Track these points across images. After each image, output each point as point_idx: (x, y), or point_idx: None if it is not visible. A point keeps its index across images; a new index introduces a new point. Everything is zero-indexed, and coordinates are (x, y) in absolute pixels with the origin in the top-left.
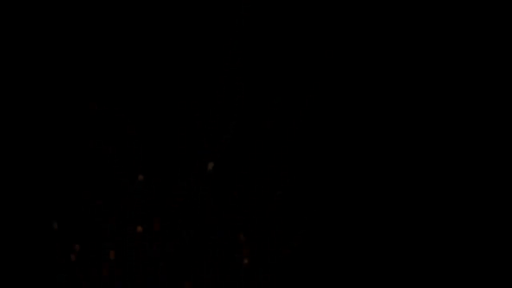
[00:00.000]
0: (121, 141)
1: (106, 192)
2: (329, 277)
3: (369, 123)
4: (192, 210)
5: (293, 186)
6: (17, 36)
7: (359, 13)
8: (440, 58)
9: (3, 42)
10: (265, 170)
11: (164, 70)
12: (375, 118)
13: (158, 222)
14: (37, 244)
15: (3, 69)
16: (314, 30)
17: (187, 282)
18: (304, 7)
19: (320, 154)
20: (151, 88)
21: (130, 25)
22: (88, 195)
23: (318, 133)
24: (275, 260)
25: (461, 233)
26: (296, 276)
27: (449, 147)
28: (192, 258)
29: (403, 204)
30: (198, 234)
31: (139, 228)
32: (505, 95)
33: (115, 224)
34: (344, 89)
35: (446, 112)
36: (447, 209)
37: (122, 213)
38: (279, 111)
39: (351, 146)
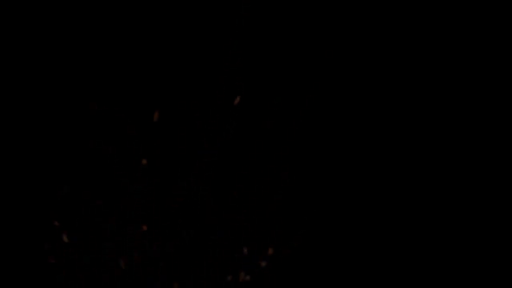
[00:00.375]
0: (121, 141)
1: (106, 192)
2: (329, 277)
3: (369, 123)
4: (192, 210)
5: (293, 186)
6: (17, 36)
7: (359, 13)
8: (440, 58)
9: (3, 42)
10: (265, 170)
11: (164, 70)
12: (375, 118)
13: (158, 222)
14: (37, 244)
15: (3, 69)
16: (314, 30)
17: (187, 282)
18: (304, 7)
19: (320, 154)
20: (151, 88)
21: (130, 25)
22: (88, 195)
23: (318, 133)
24: (275, 260)
25: (461, 233)
26: (296, 276)
27: (448, 147)
28: (192, 258)
29: (403, 204)
30: (198, 234)
31: (144, 227)
32: (505, 95)
33: (115, 224)
34: (344, 89)
35: (446, 112)
36: (447, 209)
37: (122, 213)
38: (279, 111)
39: (351, 146)
